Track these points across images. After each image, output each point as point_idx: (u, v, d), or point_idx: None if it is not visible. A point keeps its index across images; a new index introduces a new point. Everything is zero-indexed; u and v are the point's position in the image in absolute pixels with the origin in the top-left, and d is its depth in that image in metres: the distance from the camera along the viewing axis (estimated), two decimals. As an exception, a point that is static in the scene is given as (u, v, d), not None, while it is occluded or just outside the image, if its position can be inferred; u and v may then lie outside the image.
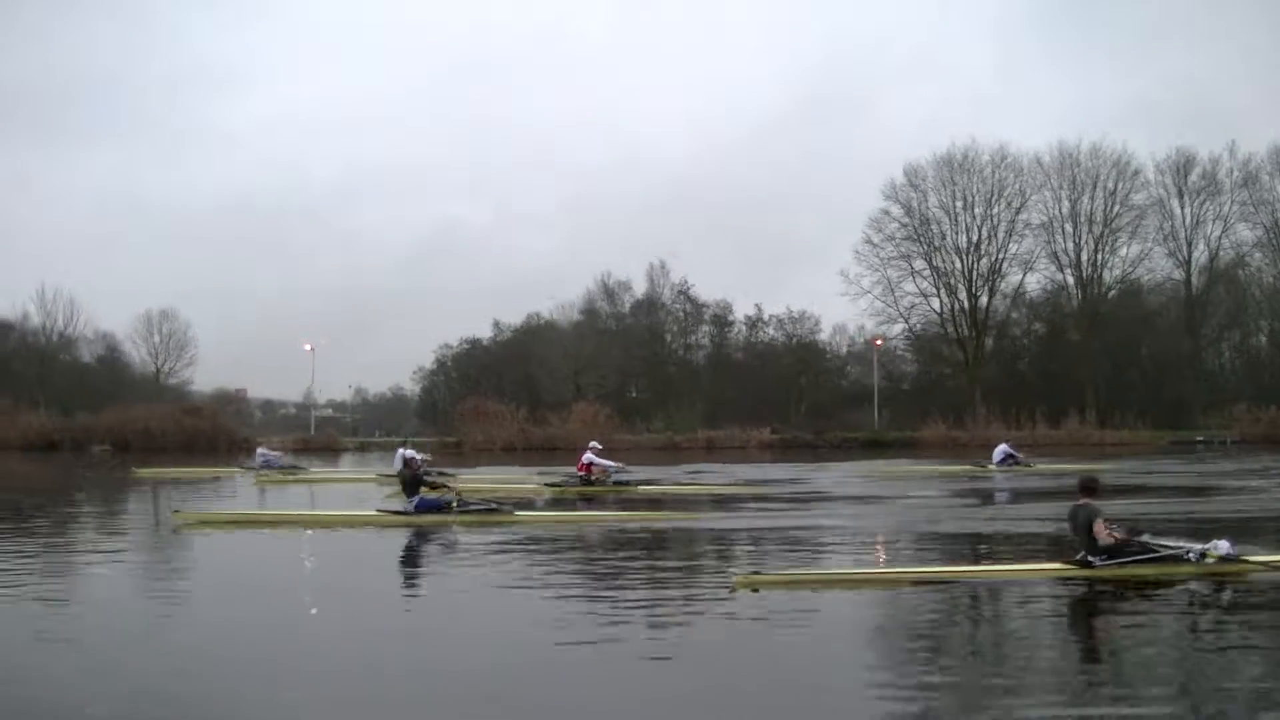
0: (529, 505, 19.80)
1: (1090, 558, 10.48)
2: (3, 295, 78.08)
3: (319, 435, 63.39)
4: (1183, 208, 68.75)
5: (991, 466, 31.54)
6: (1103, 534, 10.46)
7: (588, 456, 24.02)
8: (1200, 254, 69.86)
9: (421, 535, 15.44)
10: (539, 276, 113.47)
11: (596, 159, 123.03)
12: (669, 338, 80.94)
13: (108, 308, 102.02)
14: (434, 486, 17.60)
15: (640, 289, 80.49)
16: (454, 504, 16.62)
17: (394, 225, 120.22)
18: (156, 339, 75.04)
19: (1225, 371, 71.66)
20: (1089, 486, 11.01)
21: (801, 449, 56.25)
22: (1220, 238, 69.21)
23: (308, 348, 72.27)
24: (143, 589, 11.35)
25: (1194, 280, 70.08)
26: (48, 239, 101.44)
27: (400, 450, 28.21)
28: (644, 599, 10.25)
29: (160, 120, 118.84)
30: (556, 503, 21.67)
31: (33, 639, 8.57)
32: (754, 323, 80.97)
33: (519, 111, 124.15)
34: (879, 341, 71.60)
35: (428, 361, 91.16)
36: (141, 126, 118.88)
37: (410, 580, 12.21)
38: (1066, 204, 68.47)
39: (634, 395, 72.98)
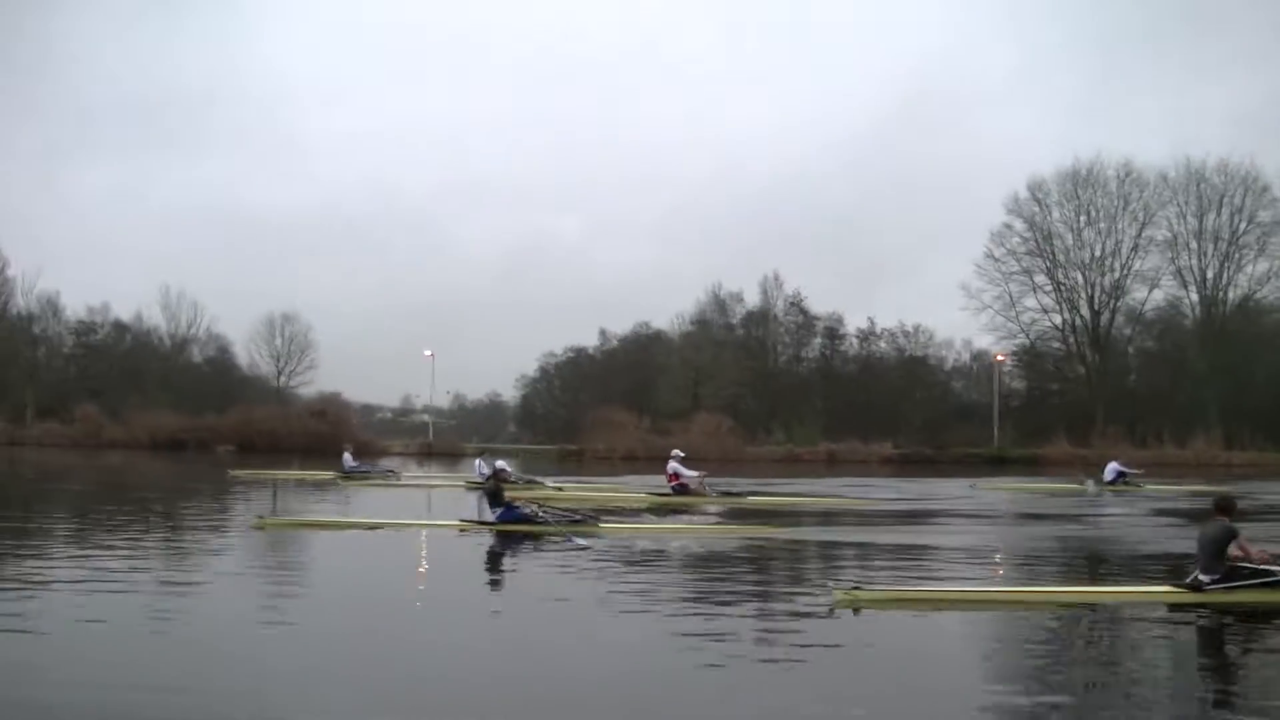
0: (622, 515, 19.65)
1: (1202, 578, 10.19)
2: (115, 299, 78.72)
3: (439, 441, 63.85)
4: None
5: (1101, 485, 30.89)
6: (1250, 551, 10.23)
7: (672, 466, 23.71)
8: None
9: (505, 544, 15.62)
10: (628, 289, 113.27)
11: (688, 171, 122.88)
12: (779, 349, 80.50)
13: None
14: (516, 497, 17.59)
15: (751, 300, 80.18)
16: (537, 514, 16.61)
17: (486, 237, 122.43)
18: (279, 342, 76.12)
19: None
20: (1225, 506, 10.61)
21: (923, 464, 55.77)
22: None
23: (428, 354, 73.33)
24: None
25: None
26: (151, 247, 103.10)
27: (478, 460, 28.83)
28: (729, 613, 10.07)
29: (256, 133, 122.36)
30: (650, 513, 21.10)
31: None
32: (866, 335, 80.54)
33: (611, 123, 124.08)
34: (1001, 357, 70.79)
35: (529, 369, 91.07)
36: (238, 139, 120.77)
37: (489, 588, 12.47)
38: (1193, 220, 67.40)
39: (747, 406, 72.29)
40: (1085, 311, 69.18)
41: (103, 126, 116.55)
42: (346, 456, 32.74)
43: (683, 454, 24.68)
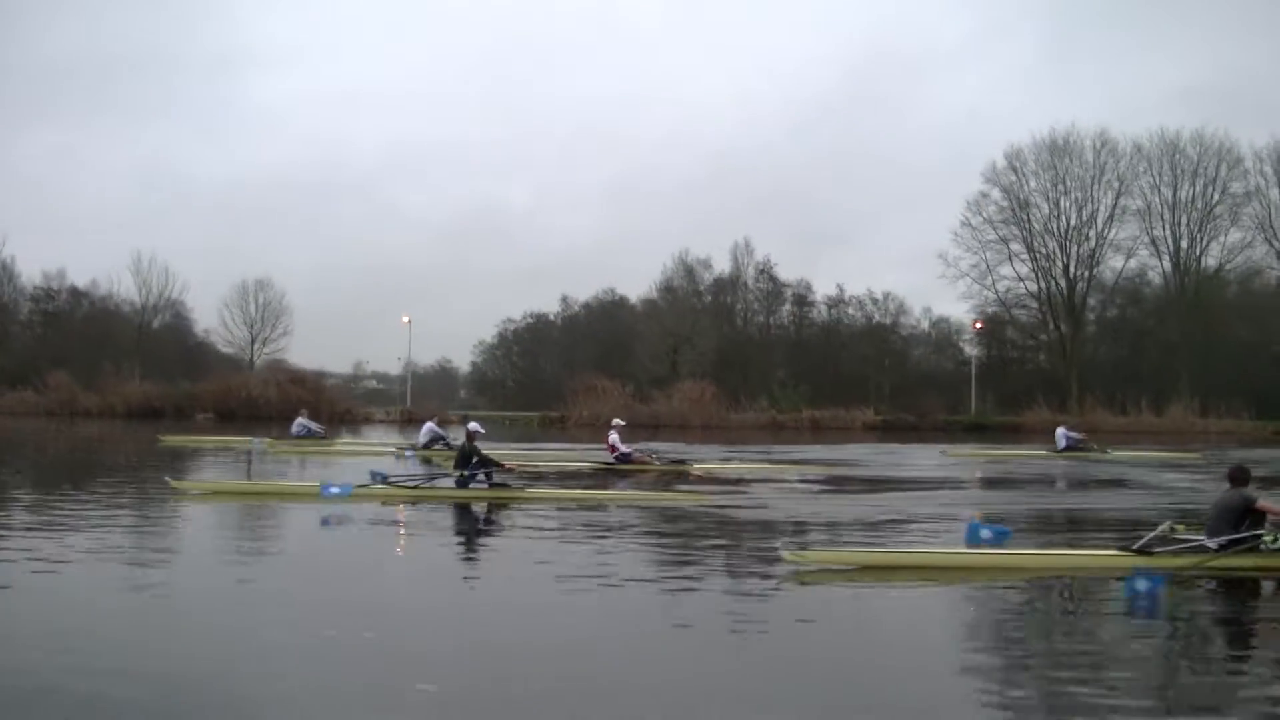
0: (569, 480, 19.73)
1: (1208, 543, 10.15)
2: (65, 265, 77.24)
3: (419, 408, 63.16)
4: (1283, 196, 68.27)
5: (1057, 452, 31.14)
6: (1274, 506, 10.19)
7: (612, 437, 23.42)
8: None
9: (457, 510, 15.45)
10: (580, 255, 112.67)
11: (641, 138, 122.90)
12: (751, 316, 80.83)
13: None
14: (490, 465, 16.61)
15: (720, 267, 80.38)
16: (490, 477, 16.32)
17: (434, 202, 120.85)
18: (253, 309, 75.09)
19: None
20: (1240, 477, 10.49)
21: (905, 431, 56.25)
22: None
23: (405, 320, 73.31)
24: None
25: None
26: (92, 213, 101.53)
27: (428, 423, 28.31)
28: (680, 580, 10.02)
29: (203, 97, 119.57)
30: (591, 479, 20.78)
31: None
32: (835, 303, 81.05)
33: (563, 89, 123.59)
34: (979, 325, 71.46)
35: (481, 334, 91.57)
36: (185, 103, 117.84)
37: (398, 556, 12.05)
38: (1167, 191, 68.35)
39: (727, 374, 72.37)
40: (1061, 280, 69.99)
41: (45, 91, 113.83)
42: (299, 420, 32.07)
43: (623, 423, 24.60)
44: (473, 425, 17.52)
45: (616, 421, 24.45)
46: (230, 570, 10.16)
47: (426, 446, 26.75)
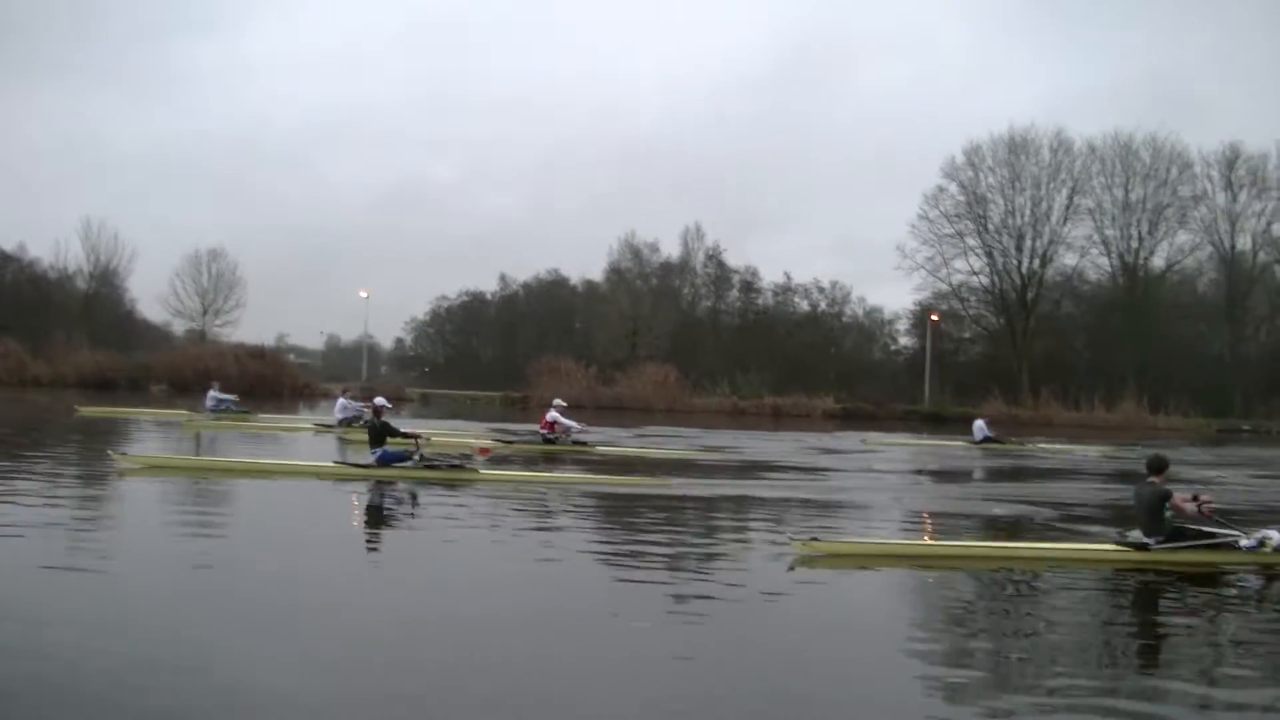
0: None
1: (1147, 540, 10.35)
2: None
3: (386, 383, 62.75)
4: (1230, 201, 70.37)
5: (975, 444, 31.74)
6: (1187, 505, 10.38)
7: (552, 414, 23.55)
8: (1244, 245, 71.61)
9: (383, 490, 14.80)
10: (508, 233, 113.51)
11: (568, 116, 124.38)
12: (698, 301, 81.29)
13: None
14: (404, 437, 16.50)
15: (668, 250, 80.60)
16: (417, 458, 15.93)
17: (359, 176, 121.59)
18: (205, 280, 73.74)
19: (1265, 362, 73.25)
20: (1158, 467, 10.67)
21: (864, 419, 57.00)
22: (1265, 232, 71.01)
23: (364, 294, 72.68)
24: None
25: (1235, 272, 71.69)
26: (6, 176, 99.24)
27: (340, 399, 27.83)
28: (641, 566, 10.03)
29: (125, 61, 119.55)
30: (509, 460, 20.55)
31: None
32: (783, 290, 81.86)
33: (491, 65, 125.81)
34: (935, 317, 72.60)
35: (404, 311, 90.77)
36: (106, 67, 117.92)
37: (373, 537, 11.92)
38: (1119, 191, 69.99)
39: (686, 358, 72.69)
40: (1014, 275, 71.29)
41: None
42: (211, 394, 30.64)
43: (564, 404, 24.72)
44: (379, 400, 17.52)
45: (558, 401, 24.54)
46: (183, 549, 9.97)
47: (342, 424, 26.22)
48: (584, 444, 23.56)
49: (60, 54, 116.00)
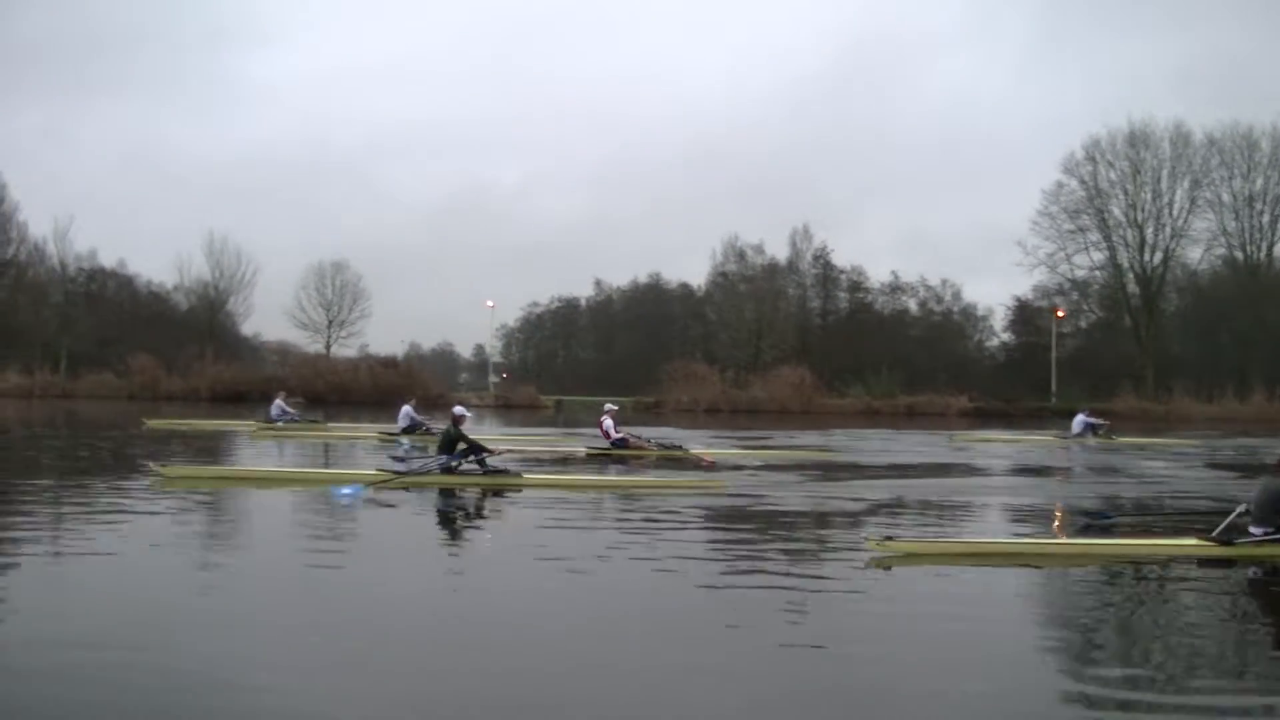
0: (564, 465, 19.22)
1: (1254, 530, 10.09)
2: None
3: (519, 394, 62.76)
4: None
5: (1071, 438, 31.31)
6: None
7: (606, 422, 22.78)
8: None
9: (430, 498, 14.49)
10: (571, 236, 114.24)
11: (631, 119, 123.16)
12: (806, 303, 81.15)
13: (141, 258, 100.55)
14: (479, 451, 15.70)
15: (775, 252, 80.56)
16: (455, 465, 15.36)
17: (423, 182, 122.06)
18: (329, 292, 74.17)
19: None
20: None
21: (998, 417, 56.70)
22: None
23: (490, 304, 73.06)
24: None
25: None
26: (79, 192, 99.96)
27: (405, 407, 27.28)
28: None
29: (190, 73, 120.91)
30: (588, 466, 20.08)
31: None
32: (892, 290, 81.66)
33: (554, 69, 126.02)
34: (1061, 313, 72.24)
35: (479, 316, 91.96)
36: (172, 80, 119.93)
37: (427, 543, 11.52)
38: (1240, 183, 69.45)
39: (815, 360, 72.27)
40: (1136, 270, 70.82)
41: (31, 69, 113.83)
42: (276, 403, 30.31)
43: (615, 408, 23.76)
44: (458, 409, 16.81)
45: (609, 407, 23.67)
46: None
47: (406, 432, 25.96)
48: (679, 447, 23.02)
49: (125, 69, 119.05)
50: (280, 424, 28.86)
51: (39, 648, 6.23)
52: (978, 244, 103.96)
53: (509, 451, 17.61)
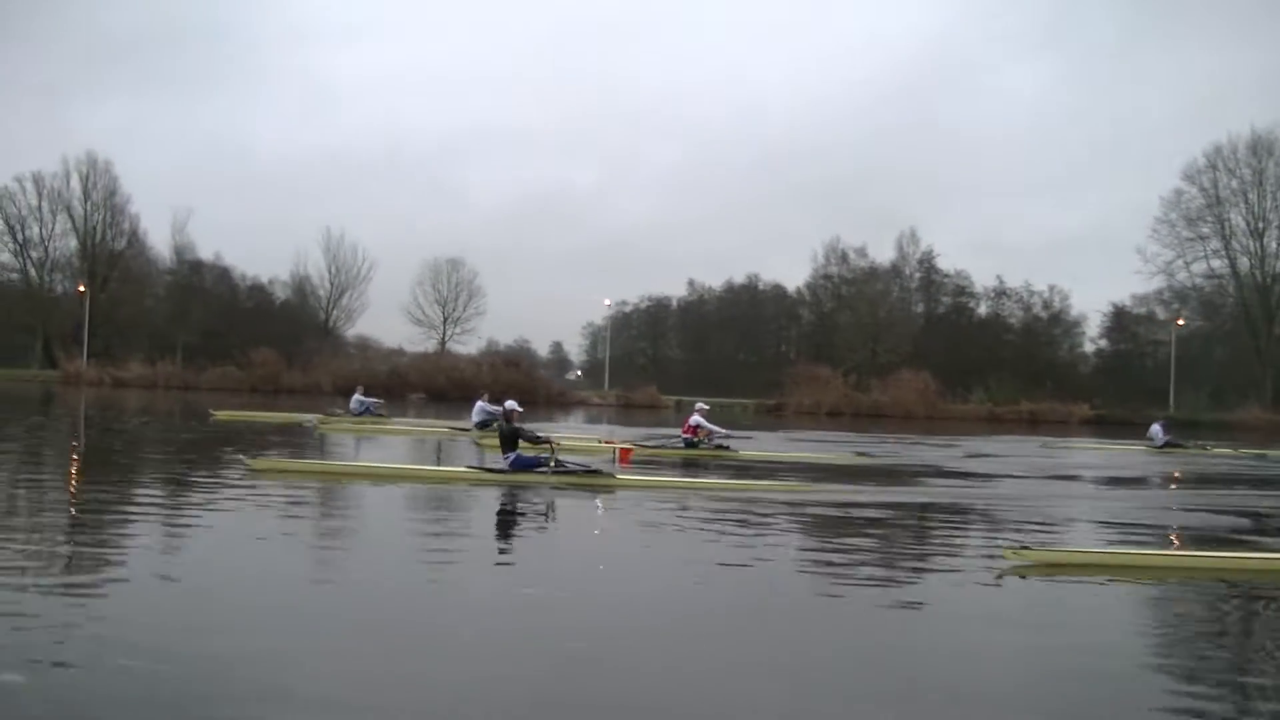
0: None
1: None
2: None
3: (640, 393, 62.79)
4: None
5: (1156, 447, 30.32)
6: None
7: (695, 419, 22.55)
8: None
9: (518, 495, 13.84)
10: (645, 239, 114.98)
11: (705, 121, 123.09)
12: (911, 307, 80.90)
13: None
14: (536, 442, 15.82)
15: (879, 255, 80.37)
16: (551, 463, 15.10)
17: (496, 185, 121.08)
18: (444, 289, 74.63)
19: None
20: None
21: (1119, 425, 56.18)
22: None
23: (607, 302, 74.31)
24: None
25: None
26: (152, 187, 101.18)
27: (479, 402, 26.69)
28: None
29: (267, 71, 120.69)
30: (652, 465, 19.51)
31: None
32: (997, 294, 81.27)
33: (628, 74, 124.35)
34: (1181, 320, 71.67)
35: (553, 316, 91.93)
36: (247, 77, 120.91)
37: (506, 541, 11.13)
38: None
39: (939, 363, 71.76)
40: (1256, 279, 70.08)
41: (113, 63, 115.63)
42: (357, 397, 30.27)
43: (706, 408, 23.43)
44: (510, 404, 16.55)
45: (700, 405, 23.42)
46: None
47: (481, 427, 25.36)
48: (726, 448, 22.45)
49: (199, 65, 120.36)
50: (361, 416, 28.95)
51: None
52: (1049, 249, 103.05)
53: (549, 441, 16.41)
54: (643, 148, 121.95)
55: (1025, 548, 9.77)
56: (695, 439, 22.28)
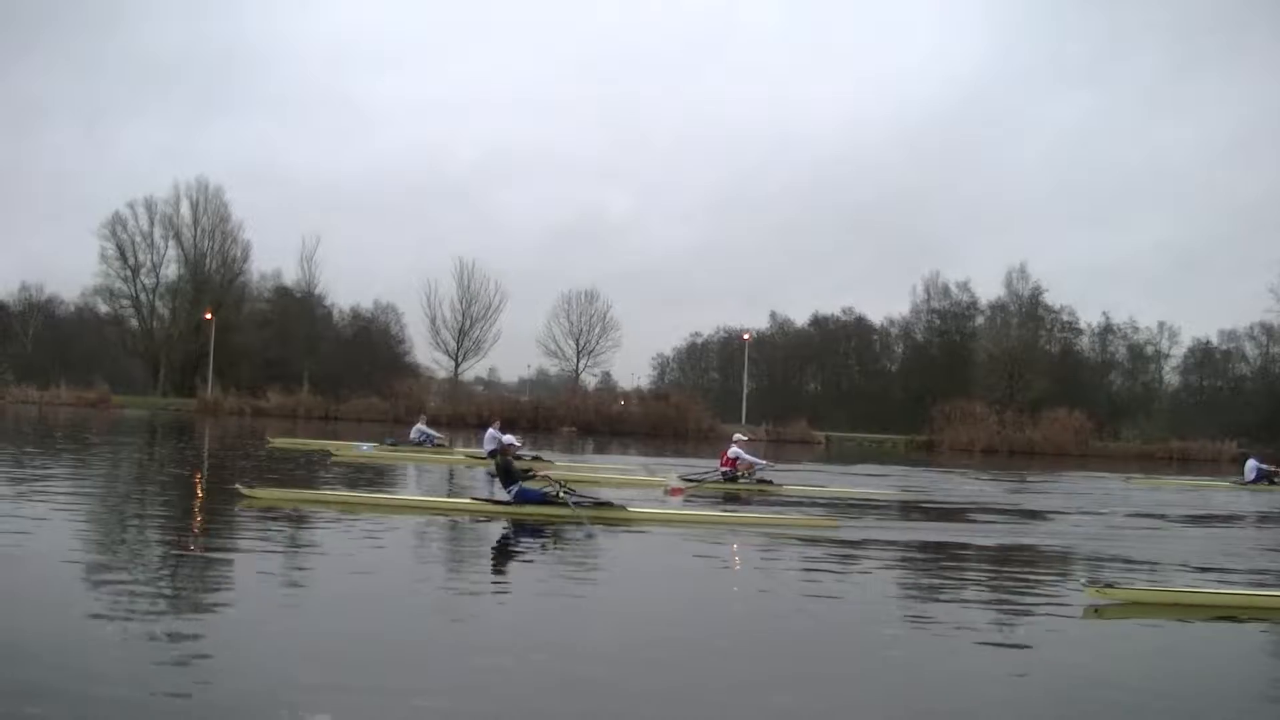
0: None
1: None
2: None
3: (791, 428, 62.39)
4: None
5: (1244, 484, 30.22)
6: None
7: (733, 450, 21.57)
8: None
9: (522, 528, 13.59)
10: (681, 263, 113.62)
11: (744, 149, 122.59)
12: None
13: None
14: (528, 475, 15.43)
15: (984, 291, 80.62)
16: (559, 495, 14.47)
17: (532, 208, 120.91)
18: (579, 321, 74.43)
19: None
20: None
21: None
22: None
23: (746, 337, 74.02)
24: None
25: None
26: None
27: (490, 430, 25.60)
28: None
29: (310, 95, 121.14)
30: (692, 500, 18.85)
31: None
32: (1103, 331, 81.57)
33: (665, 100, 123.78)
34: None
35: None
36: (289, 101, 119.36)
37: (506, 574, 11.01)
38: None
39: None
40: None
41: (158, 87, 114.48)
42: (418, 427, 29.10)
43: (745, 437, 22.77)
44: (507, 438, 16.44)
45: (738, 436, 22.74)
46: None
47: (492, 456, 23.17)
48: (769, 482, 21.55)
49: (245, 87, 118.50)
50: (420, 445, 28.00)
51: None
52: (1089, 278, 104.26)
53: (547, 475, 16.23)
54: (683, 173, 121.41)
55: (1110, 585, 9.55)
56: (734, 471, 21.41)
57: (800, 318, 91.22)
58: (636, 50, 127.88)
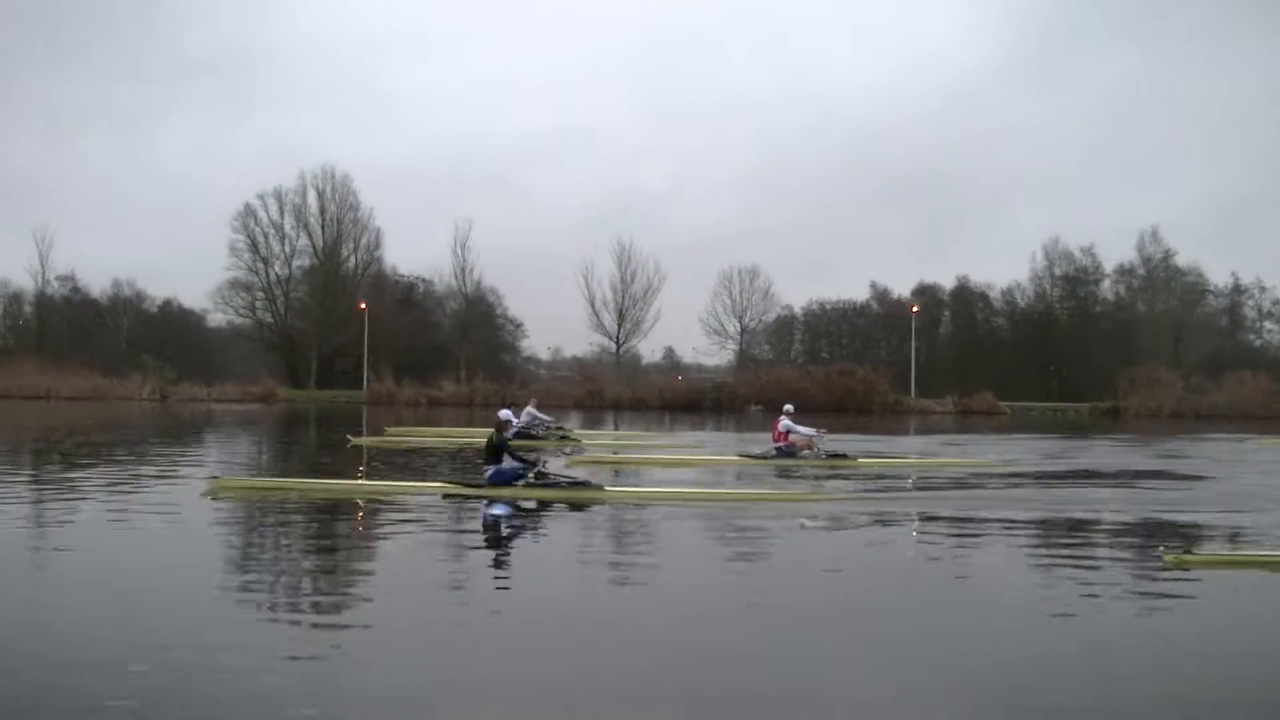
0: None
1: None
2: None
3: (977, 400, 61.93)
4: None
5: None
6: None
7: (784, 422, 20.28)
8: None
9: (498, 509, 13.02)
10: (720, 242, 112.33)
11: (783, 126, 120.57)
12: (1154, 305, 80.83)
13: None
14: (522, 460, 14.69)
15: (1111, 256, 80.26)
16: (531, 475, 14.13)
17: (570, 190, 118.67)
18: (741, 299, 73.87)
19: None
20: None
21: None
22: None
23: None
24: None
25: None
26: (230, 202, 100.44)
27: (505, 410, 23.51)
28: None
29: (340, 86, 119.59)
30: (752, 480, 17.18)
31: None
32: (1234, 291, 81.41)
33: (699, 76, 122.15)
34: None
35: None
36: (320, 93, 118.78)
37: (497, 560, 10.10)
38: None
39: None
40: None
41: (189, 83, 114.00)
42: (528, 410, 26.43)
43: (793, 408, 21.12)
44: (503, 413, 15.80)
45: (788, 408, 21.10)
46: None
47: (517, 435, 22.82)
48: (842, 455, 20.14)
49: (281, 79, 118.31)
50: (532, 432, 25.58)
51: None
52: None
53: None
54: (719, 148, 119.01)
55: (1188, 552, 9.39)
56: (788, 446, 20.11)
57: (899, 288, 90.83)
58: (668, 27, 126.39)
